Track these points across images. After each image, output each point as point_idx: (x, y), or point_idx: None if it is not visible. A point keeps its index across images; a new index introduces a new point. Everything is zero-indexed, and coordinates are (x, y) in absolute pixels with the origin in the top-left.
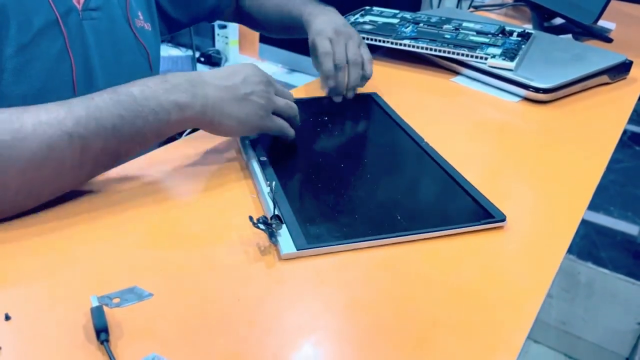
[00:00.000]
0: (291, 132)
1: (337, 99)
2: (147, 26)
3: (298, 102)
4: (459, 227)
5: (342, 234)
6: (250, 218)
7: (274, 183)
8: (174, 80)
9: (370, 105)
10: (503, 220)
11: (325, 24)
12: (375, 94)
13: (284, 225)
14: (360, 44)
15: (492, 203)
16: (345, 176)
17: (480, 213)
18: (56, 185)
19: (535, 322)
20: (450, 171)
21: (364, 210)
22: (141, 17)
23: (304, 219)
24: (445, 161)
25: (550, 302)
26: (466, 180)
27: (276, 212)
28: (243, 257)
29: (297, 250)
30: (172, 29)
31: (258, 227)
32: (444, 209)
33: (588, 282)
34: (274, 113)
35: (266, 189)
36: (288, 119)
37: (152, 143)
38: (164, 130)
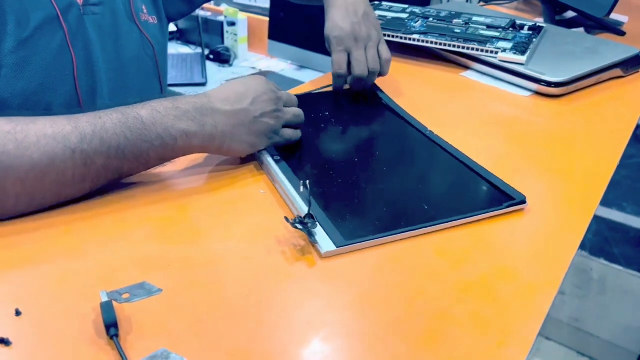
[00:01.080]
0: (298, 136)
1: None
2: (153, 19)
3: (301, 97)
4: (485, 212)
5: (375, 227)
6: (287, 219)
7: (307, 182)
8: (183, 106)
9: (372, 98)
10: (524, 202)
11: (343, 20)
12: (375, 85)
13: (317, 224)
14: (380, 42)
15: (510, 186)
16: (362, 170)
17: (501, 197)
18: (57, 195)
19: (547, 319)
20: (462, 159)
21: (390, 203)
22: (145, 11)
23: (334, 216)
24: (455, 148)
25: (563, 299)
26: (480, 165)
27: (307, 212)
28: (253, 252)
29: (337, 247)
30: (177, 14)
31: (296, 228)
32: (466, 196)
33: (600, 279)
34: (283, 126)
35: (292, 190)
36: (295, 126)
37: (156, 165)
38: (168, 155)
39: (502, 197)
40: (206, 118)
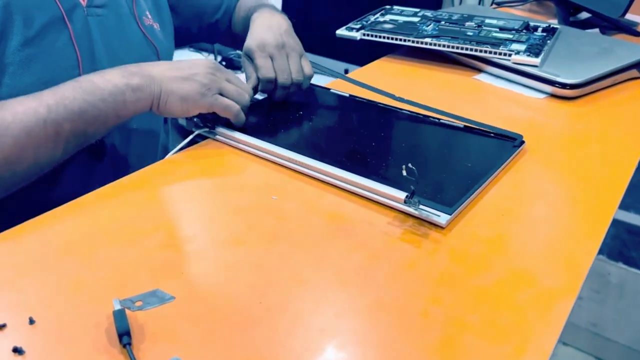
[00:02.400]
0: (240, 115)
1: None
2: (156, 26)
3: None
4: (511, 155)
5: (458, 191)
6: (402, 202)
7: (409, 164)
8: (130, 68)
9: (322, 92)
10: (522, 141)
11: (266, 32)
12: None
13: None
14: (302, 56)
15: (502, 129)
16: (389, 153)
17: (505, 141)
18: (36, 166)
19: (564, 324)
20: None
21: (442, 170)
22: (149, 16)
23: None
24: (431, 107)
25: (580, 304)
26: (458, 115)
27: (409, 193)
28: (266, 259)
29: (451, 215)
30: (180, 38)
31: (413, 206)
32: (483, 147)
33: (619, 283)
34: (221, 95)
35: (376, 183)
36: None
37: (113, 123)
38: (122, 111)
39: (507, 141)
40: (145, 71)
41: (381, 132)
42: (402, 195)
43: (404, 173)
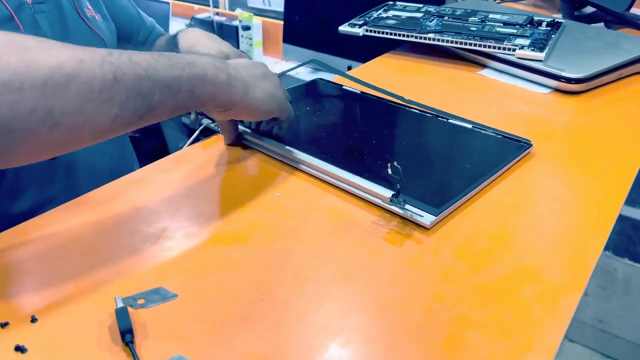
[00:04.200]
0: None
1: None
2: (98, 17)
3: None
4: (514, 157)
5: (449, 192)
6: (386, 201)
7: (394, 162)
8: (202, 53)
9: (332, 88)
10: (529, 145)
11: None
12: (321, 78)
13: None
14: None
15: (511, 134)
16: (388, 151)
17: (510, 144)
18: (78, 113)
19: (570, 321)
20: (452, 120)
21: (438, 170)
22: (90, 7)
23: (405, 192)
24: (439, 110)
25: (586, 300)
26: (467, 119)
27: (395, 192)
28: (269, 256)
29: (436, 216)
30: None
31: (397, 206)
32: (488, 148)
33: (625, 279)
34: None
35: (363, 179)
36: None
37: (189, 102)
38: (198, 88)
39: (514, 143)
40: (228, 62)
41: (384, 130)
42: (388, 193)
43: (389, 171)
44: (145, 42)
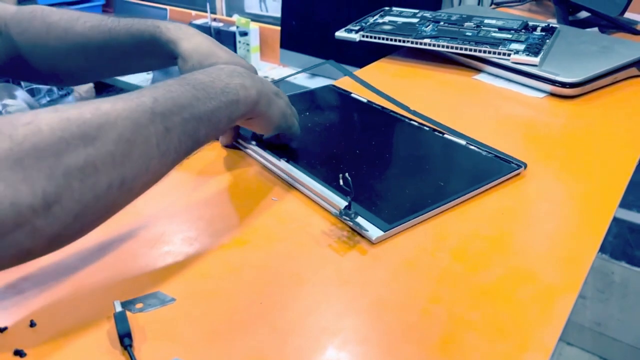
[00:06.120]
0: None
1: None
2: None
3: None
4: (493, 180)
5: (409, 208)
6: (335, 213)
7: (346, 174)
8: (229, 69)
9: (339, 95)
10: (521, 166)
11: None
12: (333, 85)
13: (358, 214)
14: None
15: (507, 154)
16: (368, 161)
17: (502, 164)
18: (145, 173)
19: (569, 324)
20: (453, 134)
21: (409, 185)
22: None
23: (366, 205)
24: (442, 124)
25: (584, 303)
26: (468, 136)
27: (347, 203)
28: (267, 259)
29: (385, 232)
30: None
31: (345, 220)
32: (472, 169)
33: (623, 282)
34: None
35: (322, 186)
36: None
37: (226, 127)
38: (234, 112)
39: (504, 164)
40: (253, 76)
41: (372, 141)
42: (342, 204)
43: (341, 182)
44: None
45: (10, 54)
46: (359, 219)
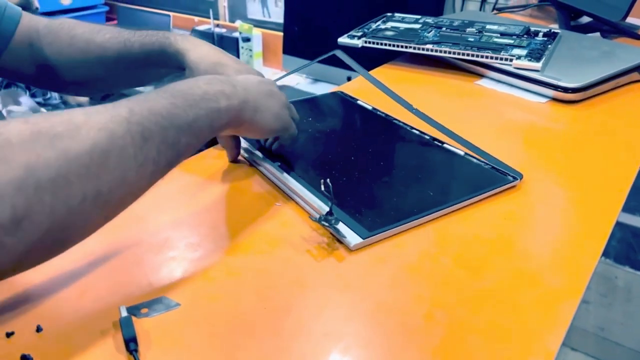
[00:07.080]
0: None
1: None
2: None
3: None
4: (485, 192)
5: (392, 217)
6: (313, 217)
7: (328, 180)
8: (208, 77)
9: (344, 102)
10: (518, 178)
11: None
12: (341, 91)
13: (340, 220)
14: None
15: (505, 164)
16: (361, 168)
17: (498, 175)
18: (122, 185)
19: (572, 329)
20: (454, 139)
21: (398, 193)
22: None
23: (350, 212)
24: (444, 128)
25: (588, 308)
26: (471, 144)
27: (329, 209)
28: (270, 263)
29: (364, 239)
30: None
31: (323, 225)
32: (466, 178)
33: (626, 287)
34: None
35: (307, 191)
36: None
37: (208, 136)
38: (215, 121)
39: (499, 176)
40: (233, 82)
41: (369, 148)
42: (325, 209)
43: (322, 187)
44: None
45: (39, 63)
46: (340, 225)
